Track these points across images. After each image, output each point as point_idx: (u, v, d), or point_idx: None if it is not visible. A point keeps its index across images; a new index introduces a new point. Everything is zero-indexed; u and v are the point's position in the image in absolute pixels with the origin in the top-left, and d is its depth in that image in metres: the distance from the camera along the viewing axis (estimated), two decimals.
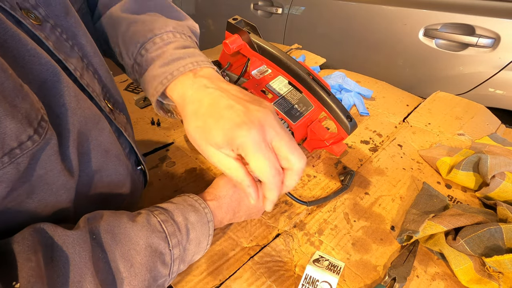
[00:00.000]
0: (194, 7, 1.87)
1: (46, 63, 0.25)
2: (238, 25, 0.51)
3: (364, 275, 0.40)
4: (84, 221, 0.28)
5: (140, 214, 0.32)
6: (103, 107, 0.33)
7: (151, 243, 0.30)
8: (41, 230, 0.25)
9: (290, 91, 0.56)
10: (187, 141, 0.66)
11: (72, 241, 0.25)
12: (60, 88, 0.26)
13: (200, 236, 0.35)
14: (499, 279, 0.37)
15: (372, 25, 1.09)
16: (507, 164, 0.48)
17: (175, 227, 0.32)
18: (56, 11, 0.29)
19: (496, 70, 0.88)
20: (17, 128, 0.21)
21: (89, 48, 0.32)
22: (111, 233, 0.28)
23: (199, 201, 0.36)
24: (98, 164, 0.32)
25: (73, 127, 0.27)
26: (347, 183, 0.51)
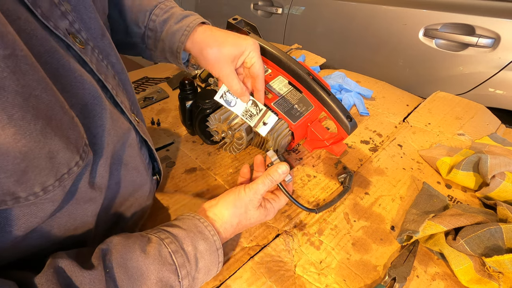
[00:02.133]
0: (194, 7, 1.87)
1: (89, 88, 0.28)
2: (238, 25, 0.51)
3: (364, 275, 0.40)
4: (98, 257, 0.29)
5: (151, 243, 0.32)
6: (132, 120, 0.36)
7: (161, 277, 0.30)
8: (60, 270, 0.26)
9: (290, 91, 0.56)
10: (187, 141, 0.66)
11: (89, 282, 0.26)
12: (99, 110, 0.29)
13: (209, 265, 0.35)
14: (499, 279, 0.37)
15: (372, 25, 1.09)
16: (507, 164, 0.48)
17: (184, 258, 0.33)
18: (94, 33, 0.31)
19: (496, 70, 0.88)
20: (69, 157, 0.24)
21: (118, 65, 0.36)
22: (124, 267, 0.29)
23: (208, 228, 0.36)
24: (119, 178, 0.34)
25: (107, 146, 0.30)
26: (348, 184, 0.51)
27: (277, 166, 0.41)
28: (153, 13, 0.42)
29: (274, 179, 0.41)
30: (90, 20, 0.31)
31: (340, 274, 0.41)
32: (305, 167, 0.58)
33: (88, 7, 0.31)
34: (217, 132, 0.56)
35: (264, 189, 0.40)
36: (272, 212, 0.43)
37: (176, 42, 0.41)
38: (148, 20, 0.43)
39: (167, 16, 0.42)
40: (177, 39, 0.41)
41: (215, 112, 0.54)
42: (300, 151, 0.62)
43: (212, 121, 0.54)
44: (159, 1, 0.44)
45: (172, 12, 0.43)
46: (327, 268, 0.41)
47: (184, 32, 0.40)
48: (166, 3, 0.44)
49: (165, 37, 0.42)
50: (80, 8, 0.30)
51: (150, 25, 0.43)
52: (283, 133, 0.52)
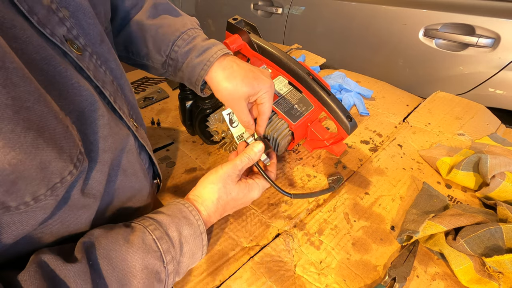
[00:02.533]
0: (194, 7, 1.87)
1: (86, 94, 0.27)
2: (238, 25, 0.51)
3: (364, 275, 0.40)
4: (81, 250, 0.28)
5: (134, 232, 0.32)
6: (131, 126, 0.36)
7: (147, 264, 0.30)
8: (43, 264, 0.26)
9: (290, 91, 0.56)
10: (187, 141, 0.66)
11: (74, 275, 0.26)
12: (96, 117, 0.28)
13: (194, 249, 0.35)
14: (499, 279, 0.37)
15: (372, 25, 1.09)
16: (507, 164, 0.48)
17: (169, 243, 0.33)
18: (93, 39, 0.31)
19: (496, 70, 0.88)
20: (62, 166, 0.23)
21: (118, 70, 0.35)
22: (108, 258, 0.29)
23: (193, 212, 0.36)
24: (117, 184, 0.34)
25: (103, 152, 0.30)
26: (334, 184, 0.51)
27: (252, 145, 0.42)
28: (175, 44, 0.43)
29: (251, 156, 0.41)
30: (88, 26, 0.31)
31: (340, 274, 0.41)
32: (305, 167, 0.58)
33: (87, 13, 0.30)
34: (217, 132, 0.56)
35: (241, 165, 0.40)
36: (255, 188, 0.42)
37: (195, 75, 0.42)
38: (170, 50, 0.43)
39: (189, 48, 0.43)
40: (197, 72, 0.42)
41: (215, 112, 0.54)
42: (300, 151, 0.62)
43: (212, 121, 0.54)
44: (182, 31, 0.43)
45: (194, 44, 0.43)
46: (327, 268, 0.41)
47: (204, 67, 0.41)
48: (189, 33, 0.44)
49: (185, 69, 0.43)
50: (78, 14, 0.30)
51: (172, 55, 0.43)
52: (283, 133, 0.52)
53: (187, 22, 0.45)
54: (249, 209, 0.50)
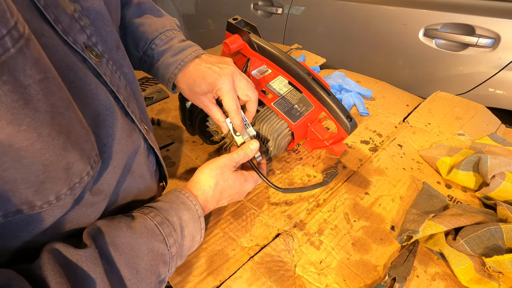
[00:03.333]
0: (194, 7, 1.86)
1: (103, 99, 0.29)
2: (238, 25, 0.51)
3: (364, 275, 0.40)
4: (88, 238, 0.30)
5: (135, 219, 0.33)
6: (142, 129, 0.38)
7: (152, 247, 0.32)
8: (55, 251, 0.26)
9: (290, 91, 0.56)
10: (187, 141, 0.66)
11: (85, 259, 0.27)
12: (110, 121, 0.30)
13: (193, 232, 0.37)
14: (499, 279, 0.37)
15: (372, 25, 1.09)
16: (507, 164, 0.48)
17: (170, 227, 0.34)
18: (110, 46, 0.33)
19: (496, 70, 0.88)
20: (82, 168, 0.25)
21: (131, 76, 0.37)
22: (114, 245, 0.30)
23: (190, 198, 0.38)
24: (124, 185, 0.35)
25: (115, 154, 0.31)
26: (327, 179, 0.52)
27: (249, 142, 0.46)
28: (153, 43, 0.45)
29: (247, 152, 0.45)
30: (106, 34, 0.32)
31: (340, 274, 0.41)
32: (305, 167, 0.58)
33: (106, 21, 0.32)
34: (217, 132, 0.56)
35: (238, 158, 0.44)
36: (250, 179, 0.45)
37: (169, 74, 0.44)
38: (147, 48, 0.45)
39: (166, 48, 0.45)
40: (170, 71, 0.44)
41: None
42: (300, 151, 0.62)
43: (212, 121, 0.54)
44: (160, 31, 0.46)
45: (171, 45, 0.45)
46: (327, 268, 0.41)
47: (178, 66, 0.44)
48: (168, 34, 0.46)
49: (160, 66, 0.45)
50: (98, 22, 0.31)
51: (148, 52, 0.46)
52: (283, 133, 0.52)
53: (167, 23, 0.48)
54: (249, 209, 0.50)
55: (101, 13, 0.31)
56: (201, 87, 0.43)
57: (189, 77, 0.44)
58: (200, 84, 0.42)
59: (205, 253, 0.43)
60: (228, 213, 0.49)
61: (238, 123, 0.46)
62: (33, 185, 0.22)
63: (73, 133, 0.24)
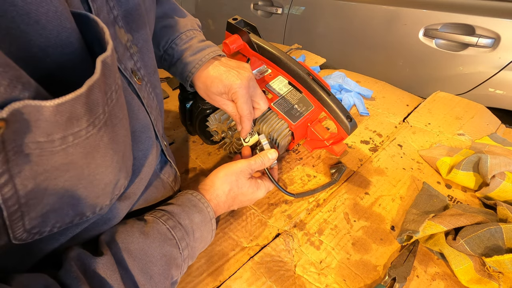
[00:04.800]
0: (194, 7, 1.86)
1: (142, 118, 0.32)
2: (238, 25, 0.51)
3: (364, 275, 0.40)
4: (104, 245, 0.30)
5: (148, 224, 0.34)
6: (162, 145, 0.41)
7: (164, 252, 0.33)
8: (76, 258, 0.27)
9: (290, 91, 0.56)
10: (187, 141, 0.66)
11: (103, 266, 0.27)
12: (144, 137, 0.33)
13: (205, 234, 0.38)
14: (499, 279, 0.37)
15: (372, 25, 1.09)
16: (507, 164, 0.48)
17: (183, 231, 0.35)
18: (149, 70, 0.35)
19: (496, 70, 0.88)
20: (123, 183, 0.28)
21: (160, 95, 0.40)
22: (128, 251, 0.31)
23: (202, 200, 0.39)
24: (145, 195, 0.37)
25: (142, 167, 0.33)
26: (336, 178, 0.52)
27: (268, 151, 0.46)
28: (174, 42, 0.47)
29: (264, 161, 0.45)
30: (148, 59, 0.35)
31: (340, 274, 0.41)
32: (305, 167, 0.58)
33: (149, 48, 0.35)
34: (217, 132, 0.56)
35: (255, 165, 0.44)
36: (263, 187, 0.46)
37: (187, 72, 0.46)
38: (168, 46, 0.47)
39: (186, 47, 0.46)
40: (188, 69, 0.45)
41: (215, 112, 0.54)
42: (300, 151, 0.62)
43: (212, 121, 0.54)
44: (181, 31, 0.48)
45: (191, 44, 0.47)
46: (327, 268, 0.41)
47: (196, 65, 0.45)
48: (188, 34, 0.48)
49: (179, 65, 0.46)
50: (143, 50, 0.34)
51: (169, 51, 0.47)
52: (283, 133, 0.52)
53: (188, 23, 0.49)
54: (249, 209, 0.50)
55: (147, 41, 0.34)
56: (218, 88, 0.43)
57: (207, 77, 0.44)
58: (218, 85, 0.43)
59: (205, 253, 0.43)
60: (228, 213, 0.49)
61: (248, 128, 0.46)
62: (90, 199, 0.24)
63: (126, 155, 0.27)
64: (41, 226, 0.22)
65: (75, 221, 0.25)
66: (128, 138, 0.27)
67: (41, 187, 0.20)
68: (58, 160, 0.20)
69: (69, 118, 0.19)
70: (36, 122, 0.17)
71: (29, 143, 0.18)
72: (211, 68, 0.45)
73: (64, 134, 0.19)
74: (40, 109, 0.17)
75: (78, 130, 0.20)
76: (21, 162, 0.18)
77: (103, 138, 0.22)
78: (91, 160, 0.22)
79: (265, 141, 0.49)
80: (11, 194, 0.18)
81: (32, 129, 0.17)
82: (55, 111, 0.17)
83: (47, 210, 0.22)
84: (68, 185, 0.22)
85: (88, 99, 0.19)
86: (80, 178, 0.22)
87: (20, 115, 0.16)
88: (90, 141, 0.21)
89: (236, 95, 0.43)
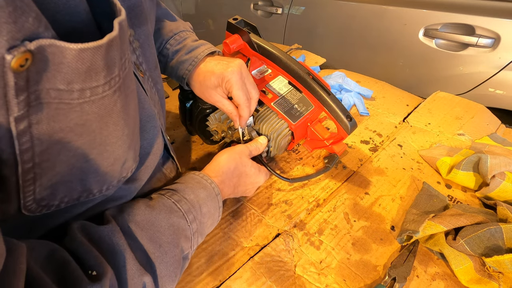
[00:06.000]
0: (194, 7, 1.86)
1: (147, 108, 0.33)
2: (238, 25, 0.51)
3: (364, 275, 0.40)
4: (108, 217, 0.31)
5: (153, 199, 0.35)
6: (166, 140, 0.42)
7: (172, 222, 0.33)
8: (81, 228, 0.28)
9: (290, 91, 0.56)
10: (187, 141, 0.66)
11: (108, 234, 0.28)
12: (148, 127, 0.34)
13: (212, 210, 0.38)
14: (499, 279, 0.37)
15: (372, 25, 1.09)
16: (507, 164, 0.48)
17: (188, 204, 0.35)
18: (150, 65, 0.36)
19: (496, 70, 0.88)
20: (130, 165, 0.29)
21: (162, 91, 0.41)
22: (134, 222, 0.31)
23: (205, 178, 0.39)
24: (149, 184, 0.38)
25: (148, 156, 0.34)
26: (329, 164, 0.53)
27: (258, 138, 0.50)
28: (168, 43, 0.48)
29: (258, 146, 0.48)
30: (150, 55, 0.36)
31: (340, 274, 0.41)
32: (305, 167, 0.58)
33: (150, 44, 0.36)
34: (217, 131, 0.56)
35: (251, 148, 0.47)
36: (263, 171, 0.47)
37: (183, 70, 0.46)
38: (162, 47, 0.48)
39: (180, 47, 0.47)
40: (184, 67, 0.46)
41: (215, 112, 0.54)
42: (300, 151, 0.62)
43: (212, 121, 0.54)
44: (175, 32, 0.49)
45: (185, 44, 0.48)
46: (327, 268, 0.41)
47: (192, 63, 0.45)
48: (181, 34, 0.49)
49: (174, 64, 0.47)
50: (145, 45, 0.35)
51: (163, 52, 0.48)
52: (283, 133, 0.52)
53: (181, 25, 0.51)
54: (249, 209, 0.50)
55: (148, 37, 0.35)
56: (211, 81, 0.44)
57: (199, 73, 0.45)
58: (210, 77, 0.44)
59: (205, 253, 0.43)
60: (228, 213, 0.49)
61: (247, 116, 0.45)
62: (98, 175, 0.25)
63: (135, 134, 0.28)
64: (50, 198, 0.23)
65: (82, 198, 0.25)
66: (137, 116, 0.28)
67: (55, 149, 0.21)
68: (74, 118, 0.20)
69: (89, 69, 0.19)
70: (58, 66, 0.18)
71: (50, 89, 0.18)
72: (203, 65, 0.45)
73: (82, 86, 0.20)
74: (64, 50, 0.17)
75: (96, 85, 0.20)
76: (40, 111, 0.18)
77: (117, 104, 0.23)
78: (104, 125, 0.23)
79: (254, 133, 0.50)
80: (28, 146, 0.19)
81: (54, 73, 0.18)
82: (77, 57, 0.18)
83: (57, 181, 0.22)
84: (79, 153, 0.22)
85: (107, 54, 0.20)
86: (91, 147, 0.23)
87: (45, 54, 0.17)
88: (105, 102, 0.22)
89: (230, 83, 0.43)
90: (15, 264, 0.18)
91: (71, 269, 0.23)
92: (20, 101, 0.17)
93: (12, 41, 0.15)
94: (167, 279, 0.30)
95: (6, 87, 0.16)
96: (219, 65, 0.43)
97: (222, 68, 0.43)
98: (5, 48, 0.15)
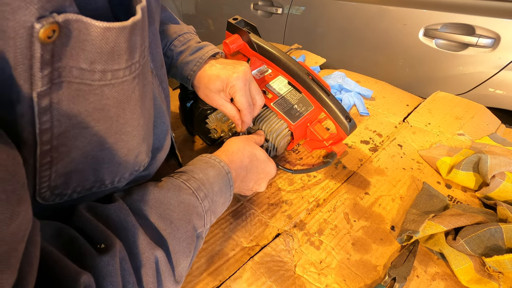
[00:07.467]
0: (194, 7, 1.86)
1: (158, 104, 0.33)
2: (238, 25, 0.51)
3: (364, 275, 0.40)
4: (116, 197, 0.30)
5: (161, 181, 0.35)
6: (172, 138, 0.42)
7: (182, 199, 0.32)
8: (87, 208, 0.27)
9: (290, 91, 0.56)
10: (187, 141, 0.66)
11: (116, 211, 0.27)
12: (158, 122, 0.34)
13: (223, 188, 0.37)
14: (499, 279, 0.37)
15: (372, 25, 1.09)
16: (507, 164, 0.48)
17: (198, 182, 0.35)
18: (157, 64, 0.36)
19: (496, 70, 0.88)
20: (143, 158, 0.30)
21: (167, 90, 0.41)
22: (143, 201, 0.30)
23: (213, 157, 0.39)
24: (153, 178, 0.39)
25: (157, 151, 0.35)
26: (329, 159, 0.52)
27: (257, 132, 0.51)
28: (172, 44, 0.48)
29: (260, 138, 0.49)
30: (156, 54, 0.36)
31: (340, 274, 0.41)
32: (305, 167, 0.58)
33: (157, 44, 0.36)
34: (216, 130, 0.56)
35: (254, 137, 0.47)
36: (272, 161, 0.47)
37: (188, 71, 0.46)
38: (166, 49, 0.48)
39: (184, 48, 0.48)
40: (189, 68, 0.46)
41: (215, 112, 0.54)
42: (300, 151, 0.62)
43: (211, 121, 0.54)
44: (179, 34, 0.49)
45: (189, 45, 0.48)
46: (327, 268, 0.41)
47: (197, 63, 0.46)
48: (185, 36, 0.49)
49: (179, 65, 0.47)
50: (152, 44, 0.34)
51: (168, 53, 0.48)
52: (283, 133, 0.52)
53: (184, 28, 0.51)
54: (249, 209, 0.50)
55: (156, 36, 0.35)
56: (216, 85, 0.44)
57: (204, 76, 0.45)
58: (215, 82, 0.44)
59: (205, 253, 0.43)
60: (228, 213, 0.49)
61: (248, 121, 0.46)
62: (112, 166, 0.25)
63: (149, 127, 0.28)
64: (63, 187, 0.23)
65: (94, 188, 0.25)
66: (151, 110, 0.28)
67: (72, 133, 0.21)
68: (93, 101, 0.21)
69: (112, 50, 0.19)
70: (83, 43, 0.18)
71: (73, 67, 0.18)
72: (208, 67, 0.45)
73: (104, 67, 0.20)
74: (89, 27, 0.18)
75: (117, 68, 0.21)
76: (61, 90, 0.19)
77: (135, 91, 0.23)
78: (121, 112, 0.23)
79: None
80: (47, 127, 0.19)
81: (78, 51, 0.18)
82: (102, 36, 0.18)
83: (71, 169, 0.23)
84: (95, 141, 0.22)
85: (130, 38, 0.20)
86: (107, 135, 0.23)
87: (71, 29, 0.17)
88: (125, 87, 0.22)
89: (234, 89, 0.43)
90: (31, 235, 0.18)
91: (78, 244, 0.23)
92: (44, 76, 0.17)
93: (42, 11, 0.16)
94: (181, 255, 0.30)
95: (32, 59, 0.16)
96: (224, 70, 0.44)
97: (228, 74, 0.43)
98: (35, 16, 0.15)
